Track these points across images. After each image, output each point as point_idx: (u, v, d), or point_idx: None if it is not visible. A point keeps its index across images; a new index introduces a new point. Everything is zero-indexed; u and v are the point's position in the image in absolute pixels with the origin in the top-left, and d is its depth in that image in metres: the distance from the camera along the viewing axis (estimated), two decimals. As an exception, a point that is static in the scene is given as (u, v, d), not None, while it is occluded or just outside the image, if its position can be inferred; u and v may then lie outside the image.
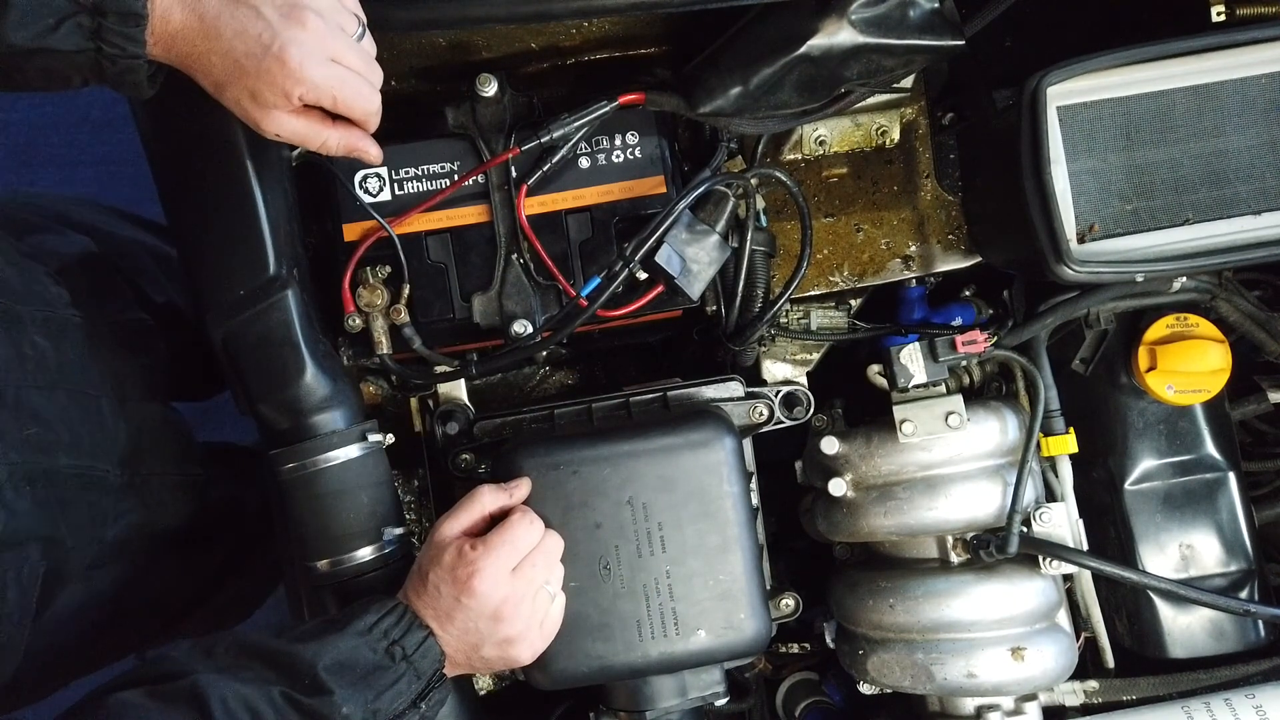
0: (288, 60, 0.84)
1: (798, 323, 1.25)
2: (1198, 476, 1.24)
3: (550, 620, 1.02)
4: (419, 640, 0.92)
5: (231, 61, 0.84)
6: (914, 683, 1.16)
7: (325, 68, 0.87)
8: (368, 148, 0.97)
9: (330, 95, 0.89)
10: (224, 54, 0.84)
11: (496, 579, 0.95)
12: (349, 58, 0.89)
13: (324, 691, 0.84)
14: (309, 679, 0.85)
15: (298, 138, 0.91)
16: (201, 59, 0.84)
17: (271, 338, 1.03)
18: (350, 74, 0.89)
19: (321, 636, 0.89)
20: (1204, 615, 1.21)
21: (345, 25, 0.89)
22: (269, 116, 0.88)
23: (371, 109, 0.93)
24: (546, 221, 1.13)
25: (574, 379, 1.43)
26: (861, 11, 1.00)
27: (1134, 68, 1.08)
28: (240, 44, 0.84)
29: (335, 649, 0.88)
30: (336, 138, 0.94)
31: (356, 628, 0.90)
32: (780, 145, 1.22)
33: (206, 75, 0.86)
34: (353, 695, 0.86)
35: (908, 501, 1.16)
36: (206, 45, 0.84)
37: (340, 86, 0.89)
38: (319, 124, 0.92)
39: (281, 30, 0.84)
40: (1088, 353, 1.25)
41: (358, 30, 0.91)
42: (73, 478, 1.01)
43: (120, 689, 0.81)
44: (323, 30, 0.86)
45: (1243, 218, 1.10)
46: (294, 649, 0.87)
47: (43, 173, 2.34)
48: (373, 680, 0.88)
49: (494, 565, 0.95)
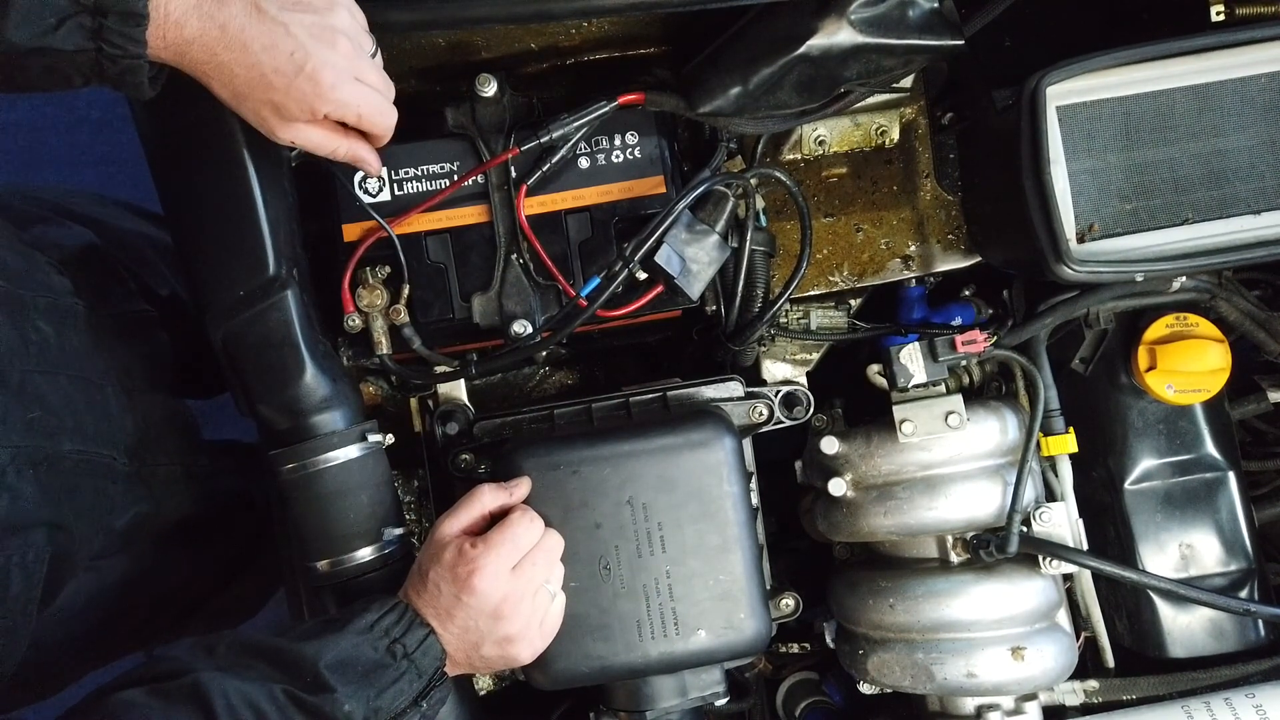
0: (321, 82, 0.87)
1: (797, 323, 1.25)
2: (1197, 476, 1.24)
3: (550, 619, 1.02)
4: (420, 638, 0.92)
5: (258, 75, 0.85)
6: (914, 682, 1.16)
7: (353, 88, 0.90)
8: (371, 160, 1.00)
9: (355, 113, 0.92)
10: (250, 66, 0.85)
11: (496, 577, 0.95)
12: (371, 76, 0.92)
13: (326, 689, 0.84)
14: (311, 677, 0.85)
15: (312, 146, 0.94)
16: (223, 69, 0.85)
17: (271, 338, 1.03)
18: (373, 92, 0.93)
19: (323, 635, 0.89)
20: (1204, 615, 1.21)
21: (364, 45, 0.92)
22: (289, 128, 0.90)
23: (390, 125, 0.97)
24: (546, 221, 1.13)
25: (574, 379, 1.43)
26: (861, 11, 1.00)
27: (1133, 67, 1.08)
28: (269, 59, 0.85)
29: (337, 647, 0.88)
30: (346, 148, 0.96)
31: (357, 626, 0.90)
32: (780, 145, 1.22)
33: (226, 85, 0.87)
34: (355, 693, 0.86)
35: (908, 501, 1.16)
36: (230, 56, 0.84)
37: (364, 105, 0.92)
38: (336, 134, 0.95)
39: (314, 51, 0.86)
40: (1087, 352, 1.25)
41: (373, 48, 0.94)
42: (77, 463, 1.01)
43: (122, 688, 0.81)
44: (351, 51, 0.89)
45: (1242, 217, 1.10)
46: (296, 647, 0.87)
47: (43, 173, 2.34)
48: (374, 678, 0.88)
49: (494, 563, 0.95)
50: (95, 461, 1.05)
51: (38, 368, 0.97)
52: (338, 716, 0.84)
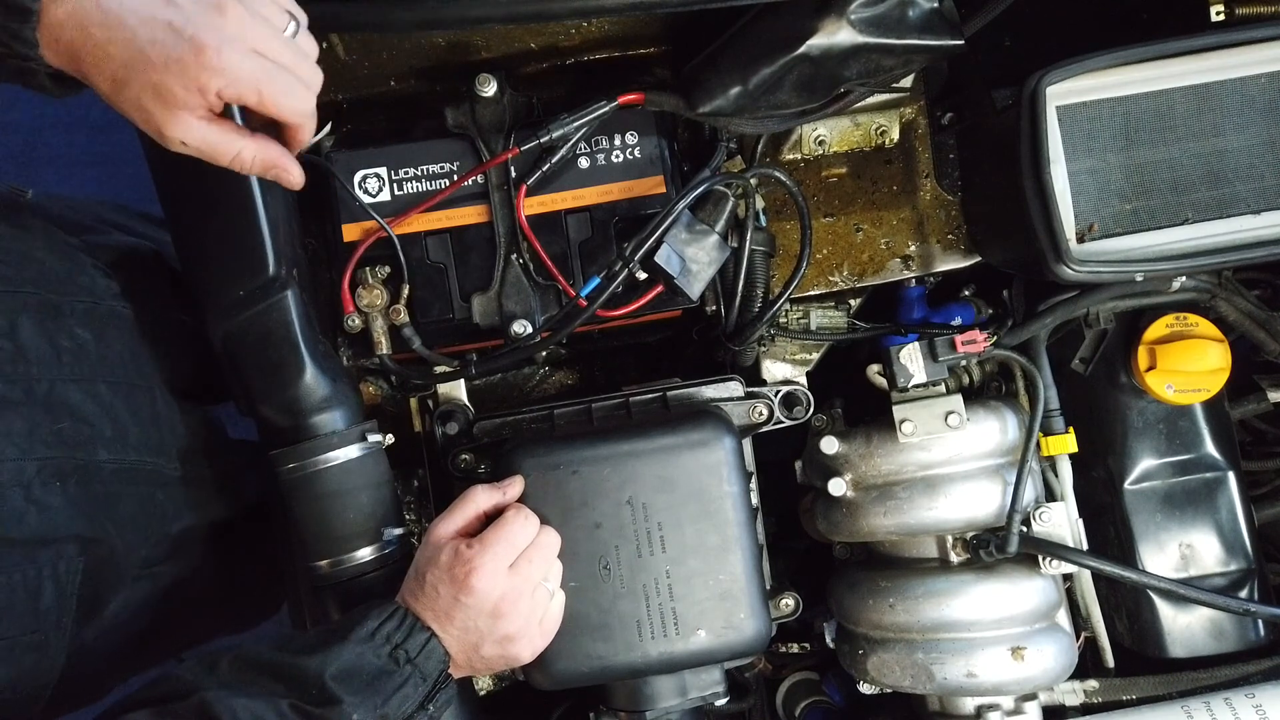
0: (205, 47, 0.74)
1: (797, 323, 1.25)
2: (1197, 476, 1.24)
3: (550, 617, 1.02)
4: (422, 642, 0.92)
5: (135, 50, 0.74)
6: (914, 682, 1.16)
7: (248, 59, 0.77)
8: (289, 166, 0.86)
9: (254, 90, 0.78)
10: (125, 43, 0.73)
11: (494, 576, 0.95)
12: (276, 50, 0.79)
13: (333, 701, 0.84)
14: (317, 689, 0.84)
15: (207, 147, 0.80)
16: (97, 50, 0.74)
17: (271, 338, 1.03)
18: (277, 68, 0.79)
19: (326, 646, 0.89)
20: (1204, 615, 1.21)
21: (273, 18, 0.80)
22: (175, 120, 0.77)
23: (304, 108, 0.83)
24: (546, 221, 1.13)
25: (574, 379, 1.43)
26: (861, 11, 1.00)
27: (1133, 67, 1.08)
28: (145, 31, 0.73)
29: (340, 658, 0.87)
30: (253, 151, 0.82)
31: (359, 635, 0.90)
32: (780, 145, 1.22)
33: (102, 71, 0.75)
34: (361, 702, 0.86)
35: (907, 501, 1.16)
36: (105, 34, 0.73)
37: (266, 80, 0.78)
38: (233, 133, 0.81)
39: (196, 16, 0.74)
40: (1087, 352, 1.25)
41: (289, 26, 0.81)
42: (116, 473, 1.00)
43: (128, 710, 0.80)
44: (244, 18, 0.76)
45: (1242, 217, 1.10)
46: (299, 661, 0.87)
47: (43, 172, 2.34)
48: (379, 686, 0.88)
49: (491, 562, 0.95)
50: (139, 470, 1.04)
51: (71, 376, 0.96)
52: None
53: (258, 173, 0.85)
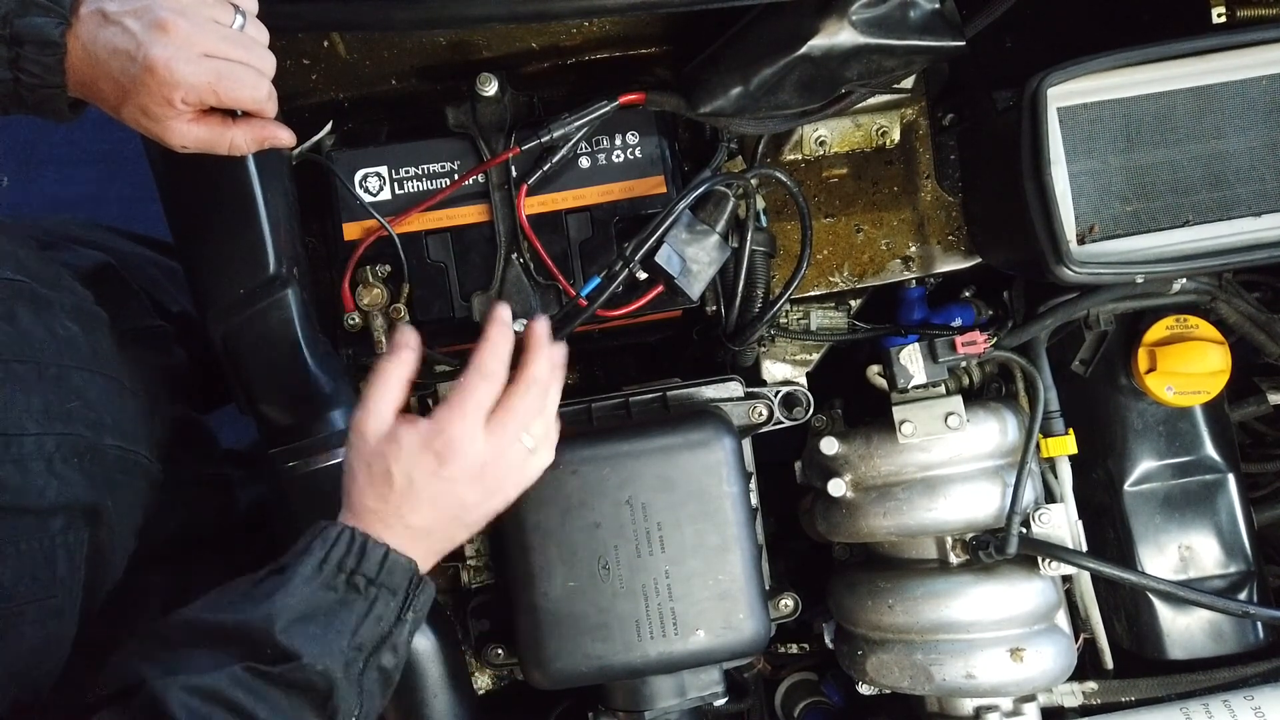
0: (156, 67, 0.81)
1: (797, 323, 1.25)
2: (1197, 478, 1.24)
3: (530, 470, 0.95)
4: (378, 559, 0.85)
5: (113, 83, 0.83)
6: (913, 683, 1.16)
7: (196, 65, 0.83)
8: (277, 133, 0.93)
9: (210, 90, 0.84)
10: (107, 77, 0.83)
11: (474, 437, 0.89)
12: (225, 49, 0.85)
13: (290, 657, 0.79)
14: (270, 646, 0.80)
15: (204, 144, 0.88)
16: (92, 87, 0.84)
17: (272, 337, 1.03)
18: (228, 64, 0.85)
19: (270, 595, 0.82)
20: (1203, 617, 1.21)
21: (218, 17, 0.85)
22: (167, 129, 0.86)
23: (259, 95, 0.88)
24: (546, 221, 1.14)
25: (574, 379, 1.43)
26: (862, 12, 1.00)
27: (1134, 69, 1.08)
28: (115, 63, 0.82)
29: (287, 605, 0.81)
30: (243, 135, 0.90)
31: (303, 573, 0.83)
32: (780, 145, 1.22)
33: (104, 102, 0.85)
34: (323, 647, 0.81)
35: (907, 502, 1.16)
36: (93, 72, 0.82)
37: (218, 80, 0.84)
38: (220, 126, 0.89)
39: (144, 39, 0.81)
40: (1087, 354, 1.25)
41: (235, 19, 0.87)
42: (118, 459, 1.00)
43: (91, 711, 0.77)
44: (187, 30, 0.83)
45: (1243, 219, 1.10)
46: (245, 618, 0.81)
47: (43, 172, 2.33)
48: (341, 621, 0.83)
49: (466, 424, 0.89)
50: (134, 460, 1.04)
51: (72, 363, 0.97)
52: (311, 679, 0.80)
53: (255, 149, 0.92)
